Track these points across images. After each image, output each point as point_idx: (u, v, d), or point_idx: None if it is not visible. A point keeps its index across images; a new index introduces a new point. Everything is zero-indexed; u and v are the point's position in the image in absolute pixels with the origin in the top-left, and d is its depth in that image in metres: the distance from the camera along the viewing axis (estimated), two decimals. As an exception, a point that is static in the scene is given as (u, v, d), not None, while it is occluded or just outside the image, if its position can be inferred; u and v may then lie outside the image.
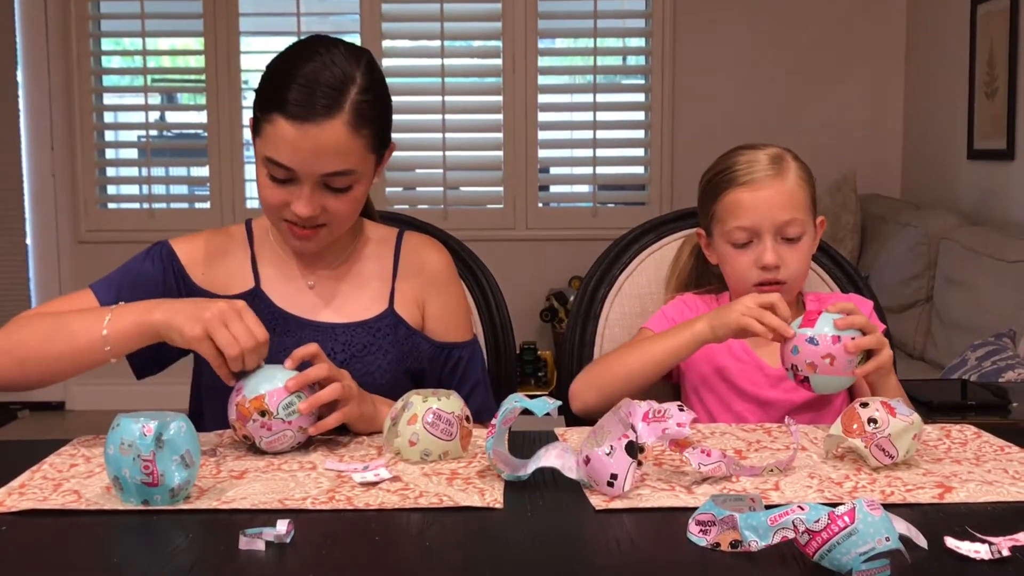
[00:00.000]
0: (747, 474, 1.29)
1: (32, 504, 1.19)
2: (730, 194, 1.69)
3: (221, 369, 1.40)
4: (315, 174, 1.50)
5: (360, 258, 1.69)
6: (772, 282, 1.68)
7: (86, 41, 4.72)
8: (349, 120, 1.48)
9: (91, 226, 4.80)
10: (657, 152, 4.77)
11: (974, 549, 1.03)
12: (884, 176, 4.79)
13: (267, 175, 1.52)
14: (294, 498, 1.21)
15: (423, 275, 1.70)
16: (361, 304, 1.64)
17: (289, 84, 1.48)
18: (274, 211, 1.56)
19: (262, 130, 1.51)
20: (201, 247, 1.66)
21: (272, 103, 1.49)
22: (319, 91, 1.47)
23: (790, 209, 1.67)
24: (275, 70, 1.52)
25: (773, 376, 1.70)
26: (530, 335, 4.71)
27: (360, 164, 1.53)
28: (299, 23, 4.64)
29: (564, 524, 1.16)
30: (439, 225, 1.95)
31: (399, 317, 1.66)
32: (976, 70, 4.05)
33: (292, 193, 1.52)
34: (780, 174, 1.69)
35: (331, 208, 1.54)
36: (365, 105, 1.50)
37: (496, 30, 4.74)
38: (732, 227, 1.69)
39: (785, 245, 1.68)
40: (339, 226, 1.59)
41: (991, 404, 1.88)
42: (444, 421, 1.36)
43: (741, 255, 1.69)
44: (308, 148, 1.47)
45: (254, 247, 1.68)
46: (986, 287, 3.37)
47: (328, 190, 1.52)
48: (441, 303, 1.70)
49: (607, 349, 1.90)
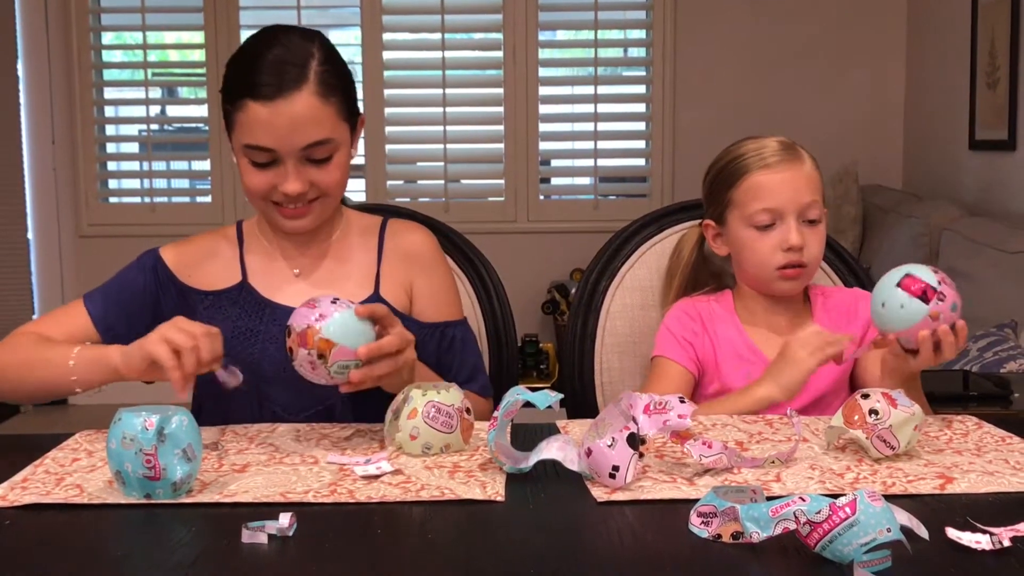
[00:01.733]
0: (748, 465, 1.29)
1: (35, 498, 1.20)
2: (751, 177, 1.68)
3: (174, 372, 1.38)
4: (295, 148, 1.53)
5: (345, 246, 1.70)
6: (796, 264, 1.67)
7: (87, 35, 4.72)
8: (317, 89, 1.53)
9: (92, 220, 4.80)
10: (658, 144, 4.77)
11: (975, 539, 1.03)
12: (886, 167, 4.79)
13: (249, 163, 1.56)
14: (296, 491, 1.21)
15: (408, 257, 1.70)
16: (346, 291, 1.64)
17: (254, 70, 1.52)
18: (262, 197, 1.58)
19: (235, 121, 1.55)
20: (189, 250, 1.70)
21: (240, 90, 1.53)
22: (283, 69, 1.52)
23: (810, 191, 1.68)
24: (237, 62, 1.57)
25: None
26: (532, 328, 4.71)
27: (335, 132, 1.56)
28: (299, 16, 4.64)
29: (566, 516, 1.16)
30: (440, 218, 1.95)
31: (385, 302, 1.66)
32: (977, 60, 4.04)
33: (277, 175, 1.55)
34: (797, 158, 1.70)
35: (318, 180, 1.57)
36: (328, 74, 1.55)
37: (497, 22, 4.74)
38: (756, 209, 1.67)
39: (806, 227, 1.68)
40: (331, 197, 1.61)
41: (993, 395, 1.89)
42: (444, 414, 1.36)
43: (764, 239, 1.68)
44: (284, 124, 1.51)
45: (243, 245, 1.70)
46: (988, 278, 3.36)
47: (311, 163, 1.55)
48: (429, 283, 1.70)
49: (608, 342, 1.91)
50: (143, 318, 1.60)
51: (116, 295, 1.65)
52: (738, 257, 1.74)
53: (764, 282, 1.71)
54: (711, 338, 1.73)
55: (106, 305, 1.63)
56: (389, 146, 4.76)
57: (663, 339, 1.76)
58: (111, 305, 1.63)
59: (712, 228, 1.77)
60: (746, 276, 1.75)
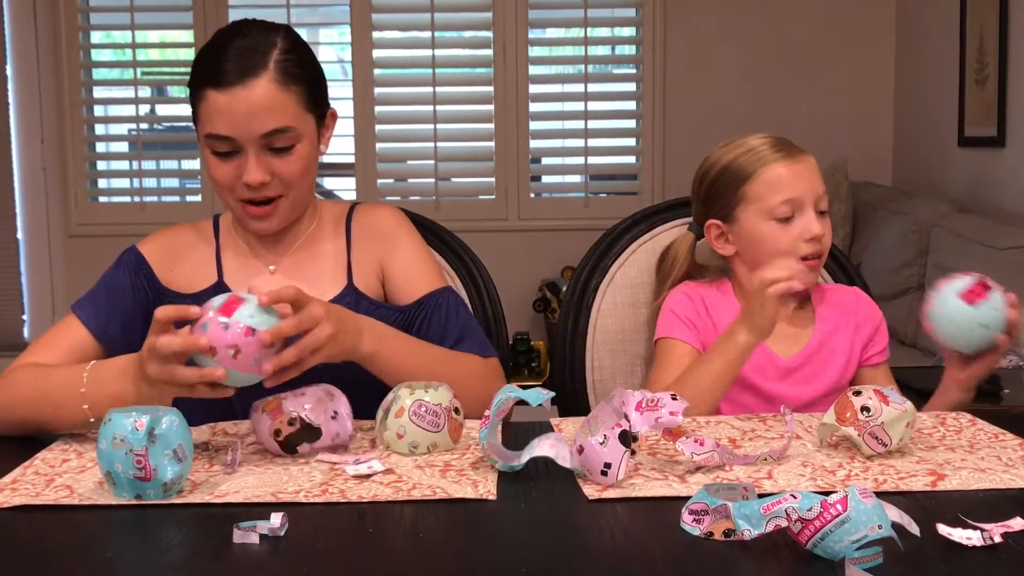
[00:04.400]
0: (741, 463, 1.29)
1: (25, 500, 1.19)
2: (768, 170, 1.68)
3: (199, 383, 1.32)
4: (254, 136, 1.53)
5: (318, 239, 1.70)
6: (816, 254, 1.68)
7: (75, 34, 4.70)
8: (275, 77, 1.53)
9: (82, 219, 4.79)
10: (648, 141, 4.77)
11: (966, 536, 1.03)
12: (875, 164, 4.79)
13: (212, 154, 1.57)
14: (287, 491, 1.21)
15: (374, 236, 1.70)
16: (321, 286, 1.64)
17: (216, 59, 1.53)
18: (228, 190, 1.59)
19: (199, 112, 1.56)
20: (167, 246, 1.68)
21: (202, 81, 1.54)
22: (244, 56, 1.53)
23: (821, 182, 1.69)
24: (202, 53, 1.57)
25: (782, 368, 1.70)
26: (523, 325, 4.71)
27: (296, 121, 1.56)
28: (288, 14, 4.62)
29: (557, 514, 1.16)
30: (431, 216, 1.95)
31: (359, 293, 1.66)
32: (966, 57, 4.05)
33: (240, 166, 1.56)
34: (801, 151, 1.71)
35: (279, 171, 1.56)
36: (289, 63, 1.55)
37: (487, 20, 4.73)
38: (776, 202, 1.67)
39: (820, 218, 1.68)
40: (295, 194, 1.60)
41: (983, 391, 1.89)
42: (431, 413, 1.35)
43: (786, 230, 1.67)
44: (241, 111, 1.52)
45: (219, 241, 1.70)
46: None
47: (272, 152, 1.55)
48: (400, 258, 1.69)
49: (599, 340, 1.91)
50: (136, 316, 1.60)
51: (106, 298, 1.63)
52: (754, 252, 1.71)
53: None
54: (712, 322, 1.73)
55: (97, 309, 1.61)
56: (379, 144, 4.76)
57: (666, 320, 1.74)
58: (102, 308, 1.61)
59: (716, 227, 1.75)
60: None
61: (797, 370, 1.70)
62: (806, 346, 1.71)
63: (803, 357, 1.71)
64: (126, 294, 1.63)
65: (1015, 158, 3.71)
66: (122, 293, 1.63)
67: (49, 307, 4.79)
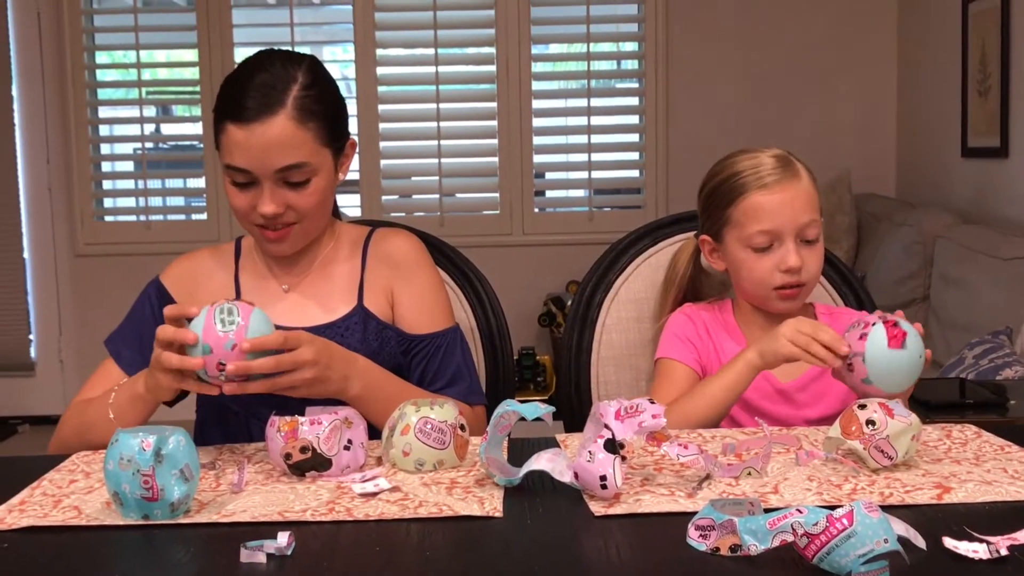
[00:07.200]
0: (725, 474, 1.29)
1: (32, 521, 1.20)
2: (748, 198, 1.66)
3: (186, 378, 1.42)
4: (269, 171, 1.56)
5: (334, 260, 1.72)
6: (794, 285, 1.66)
7: (80, 54, 4.72)
8: (293, 115, 1.56)
9: (88, 239, 4.80)
10: (652, 155, 4.78)
11: (972, 549, 1.03)
12: (879, 175, 4.80)
13: (231, 183, 1.60)
14: (294, 510, 1.21)
15: (389, 263, 1.71)
16: (331, 305, 1.67)
17: (237, 93, 1.57)
18: (245, 217, 1.63)
19: (220, 143, 1.60)
20: (187, 271, 1.73)
21: (224, 113, 1.58)
22: (261, 92, 1.56)
23: (809, 210, 1.66)
24: (226, 84, 1.61)
25: (782, 390, 1.69)
26: (528, 340, 4.71)
27: (313, 157, 1.59)
28: (292, 33, 4.64)
29: (564, 531, 1.16)
30: (435, 232, 1.96)
31: (368, 312, 1.67)
32: (969, 68, 4.06)
33: (256, 196, 1.59)
34: (794, 175, 1.67)
35: (294, 204, 1.60)
36: (308, 100, 1.58)
37: (489, 37, 4.75)
38: (753, 231, 1.65)
39: (804, 247, 1.66)
40: (309, 222, 1.63)
41: (989, 402, 1.89)
42: (436, 430, 1.36)
43: (761, 260, 1.66)
44: (257, 146, 1.55)
45: (239, 263, 1.73)
46: (982, 285, 3.37)
47: (287, 186, 1.59)
48: (411, 290, 1.70)
49: (604, 355, 1.91)
50: None
51: (131, 330, 1.69)
52: (736, 275, 1.73)
53: (761, 300, 1.71)
54: (713, 345, 1.73)
55: (123, 342, 1.67)
56: (384, 161, 4.77)
57: (667, 341, 1.75)
58: (127, 340, 1.67)
59: (708, 243, 1.75)
60: (744, 293, 1.74)
61: (797, 393, 1.70)
62: (809, 369, 1.69)
63: (804, 381, 1.70)
64: (148, 325, 1.65)
65: (1019, 168, 3.72)
66: (145, 323, 1.67)
67: (56, 326, 4.81)
